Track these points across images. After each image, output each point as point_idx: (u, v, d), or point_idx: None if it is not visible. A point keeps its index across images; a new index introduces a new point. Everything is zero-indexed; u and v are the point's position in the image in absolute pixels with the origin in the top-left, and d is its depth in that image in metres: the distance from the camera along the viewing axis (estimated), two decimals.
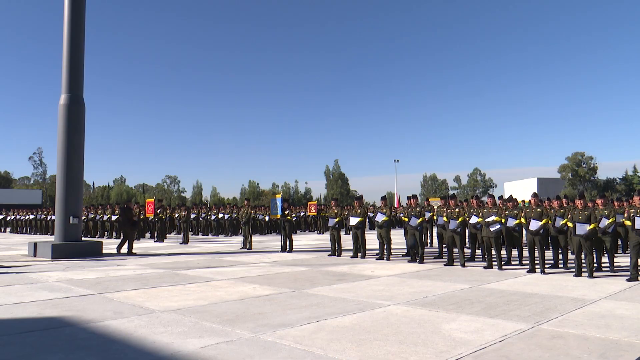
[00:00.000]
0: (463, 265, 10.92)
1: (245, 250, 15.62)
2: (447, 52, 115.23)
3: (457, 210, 11.51)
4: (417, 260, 11.72)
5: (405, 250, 13.27)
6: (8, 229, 33.45)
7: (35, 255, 13.78)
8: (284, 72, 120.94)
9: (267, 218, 26.12)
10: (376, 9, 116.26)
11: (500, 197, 12.63)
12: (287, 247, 14.73)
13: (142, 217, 20.79)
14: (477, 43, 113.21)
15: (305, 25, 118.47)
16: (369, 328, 5.22)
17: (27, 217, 30.91)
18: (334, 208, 13.94)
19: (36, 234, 28.12)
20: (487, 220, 10.50)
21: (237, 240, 19.87)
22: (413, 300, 6.83)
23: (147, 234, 23.02)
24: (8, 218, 33.55)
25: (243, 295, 7.29)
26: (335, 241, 13.46)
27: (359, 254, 12.89)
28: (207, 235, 25.44)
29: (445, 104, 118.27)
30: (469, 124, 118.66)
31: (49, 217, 26.88)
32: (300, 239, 20.85)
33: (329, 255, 13.53)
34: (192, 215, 24.86)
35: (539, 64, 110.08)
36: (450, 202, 11.89)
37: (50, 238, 18.97)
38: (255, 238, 21.22)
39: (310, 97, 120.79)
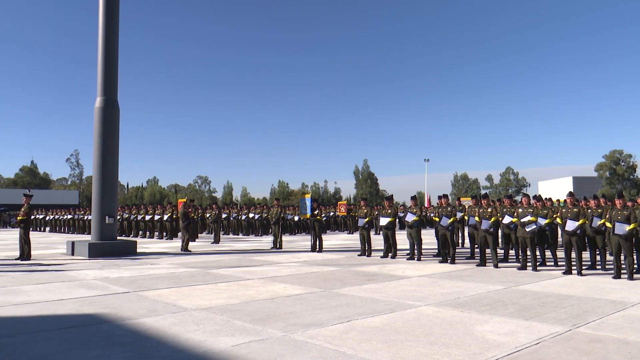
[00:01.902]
0: (496, 266, 10.72)
1: (275, 249, 15.72)
2: (479, 48, 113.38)
3: (489, 210, 11.31)
4: (449, 261, 11.57)
5: (436, 251, 13.13)
6: (47, 229, 34.57)
7: (73, 254, 14.20)
8: (315, 72, 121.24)
9: (296, 218, 26.23)
10: (402, 5, 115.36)
11: (535, 197, 12.33)
12: (317, 246, 14.76)
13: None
14: (509, 38, 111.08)
15: (334, 23, 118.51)
16: (400, 329, 5.18)
17: (65, 216, 31.89)
18: (363, 208, 13.89)
19: (74, 233, 28.96)
20: (522, 220, 10.29)
21: (267, 240, 20.01)
22: (445, 301, 6.74)
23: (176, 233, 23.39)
24: (47, 218, 34.68)
25: (273, 295, 7.34)
26: (365, 241, 13.41)
27: (390, 254, 12.81)
28: (238, 234, 25.71)
29: (477, 102, 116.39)
30: (501, 122, 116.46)
31: (85, 217, 27.63)
32: (330, 239, 20.85)
33: (358, 255, 13.49)
34: (223, 215, 25.18)
35: (575, 58, 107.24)
36: (483, 201, 11.69)
37: (87, 237, 19.50)
38: (285, 238, 21.33)
39: (339, 96, 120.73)
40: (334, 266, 11.05)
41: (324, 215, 25.97)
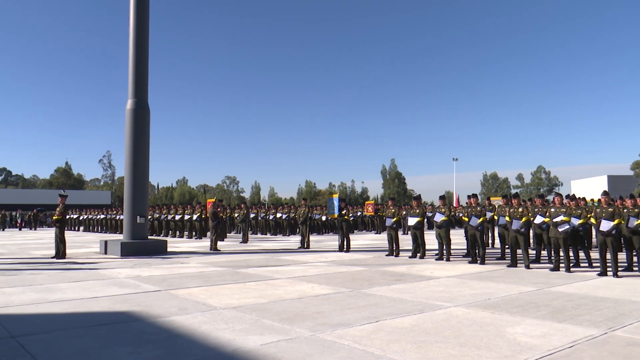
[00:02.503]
0: (527, 267, 10.51)
1: (303, 249, 15.77)
2: (508, 45, 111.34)
3: (520, 209, 11.09)
4: (478, 261, 11.40)
5: (466, 251, 12.95)
6: (81, 228, 35.51)
7: (106, 253, 14.54)
8: (342, 71, 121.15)
9: (324, 218, 26.25)
10: (428, 2, 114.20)
11: (568, 196, 12.03)
12: (345, 246, 14.74)
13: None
14: (539, 33, 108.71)
15: (360, 20, 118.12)
16: (429, 330, 5.12)
17: (98, 216, 32.71)
18: (391, 207, 13.81)
19: (106, 232, 29.65)
20: (555, 220, 10.05)
21: (295, 240, 20.08)
22: (474, 302, 6.64)
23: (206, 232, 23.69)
24: (81, 217, 35.62)
25: (301, 294, 7.36)
26: (393, 241, 13.33)
27: (418, 254, 12.70)
28: (266, 234, 25.89)
29: (506, 99, 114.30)
30: (532, 119, 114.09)
31: (117, 217, 28.25)
32: (358, 239, 20.80)
33: (386, 255, 13.41)
34: (251, 215, 25.39)
35: (611, 53, 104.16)
36: (513, 201, 11.47)
37: (119, 236, 19.95)
38: (313, 237, 21.38)
39: (367, 95, 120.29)
40: (361, 266, 11.02)
41: (351, 215, 25.91)
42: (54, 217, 13.70)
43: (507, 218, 11.21)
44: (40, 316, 5.99)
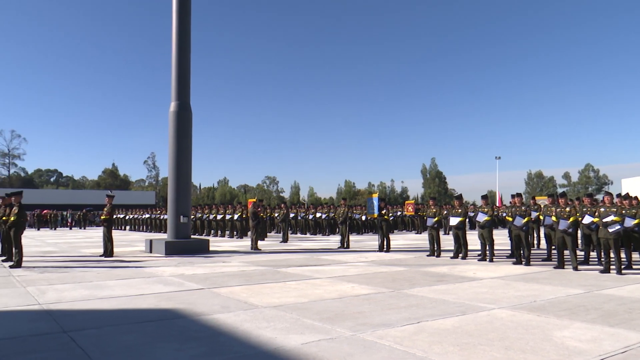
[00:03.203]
0: (575, 269, 10.15)
1: (343, 249, 15.76)
2: (551, 37, 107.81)
3: (567, 209, 10.72)
4: (523, 262, 11.09)
5: (510, 252, 12.63)
6: (127, 227, 36.69)
7: (151, 252, 14.96)
8: (382, 69, 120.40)
9: (363, 217, 26.17)
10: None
11: (619, 195, 11.55)
12: (385, 246, 14.65)
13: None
14: (585, 26, 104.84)
15: (398, 17, 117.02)
16: (473, 332, 5.02)
17: (143, 216, 33.71)
18: (432, 207, 13.62)
19: (151, 231, 30.51)
20: (605, 220, 9.67)
21: (335, 240, 20.09)
22: (520, 305, 6.47)
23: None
24: (127, 217, 36.79)
25: (342, 294, 7.35)
26: (434, 241, 13.14)
27: (460, 255, 12.48)
28: (305, 234, 26.02)
29: (551, 95, 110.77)
30: (579, 115, 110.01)
31: (161, 216, 29.03)
32: (398, 239, 20.62)
33: (427, 255, 13.24)
34: (291, 215, 25.57)
35: None
36: (560, 200, 11.10)
37: (163, 235, 20.48)
38: (352, 237, 21.34)
39: (406, 93, 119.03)
40: (402, 266, 10.92)
41: (391, 214, 25.73)
42: (102, 217, 14.19)
43: (553, 218, 10.87)
44: (91, 312, 6.22)
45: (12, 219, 11.47)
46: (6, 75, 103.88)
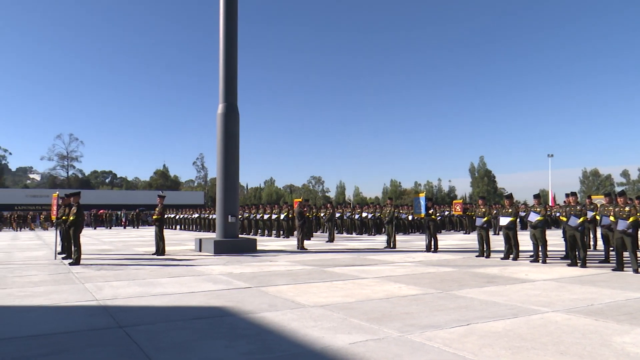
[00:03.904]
0: (636, 271, 9.66)
1: (389, 249, 15.64)
2: (605, 30, 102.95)
3: (627, 208, 10.21)
4: (579, 264, 10.65)
5: (564, 253, 12.17)
6: (178, 227, 37.73)
7: (200, 250, 15.33)
8: (427, 69, 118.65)
9: (410, 217, 25.87)
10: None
11: None
12: (432, 246, 14.42)
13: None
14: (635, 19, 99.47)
15: (445, 21, 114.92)
16: (525, 335, 4.86)
17: (192, 215, 34.58)
18: (481, 207, 13.30)
19: (200, 231, 31.27)
20: None
21: (381, 239, 19.96)
22: (575, 308, 6.21)
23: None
24: (177, 217, 37.85)
25: (389, 294, 7.29)
26: (484, 241, 12.82)
27: (511, 256, 12.13)
28: (351, 233, 25.97)
29: (607, 89, 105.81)
30: (637, 109, 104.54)
31: (210, 216, 29.70)
32: (445, 239, 20.26)
33: (476, 256, 12.94)
34: (337, 214, 25.59)
35: None
36: (619, 199, 10.58)
37: (212, 235, 20.94)
38: (399, 237, 21.12)
39: (452, 92, 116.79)
40: (450, 267, 10.72)
41: (438, 214, 25.32)
42: (153, 217, 14.65)
43: (611, 218, 10.38)
44: (144, 308, 6.43)
45: (71, 218, 12.03)
46: (65, 83, 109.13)
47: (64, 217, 12.88)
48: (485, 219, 12.85)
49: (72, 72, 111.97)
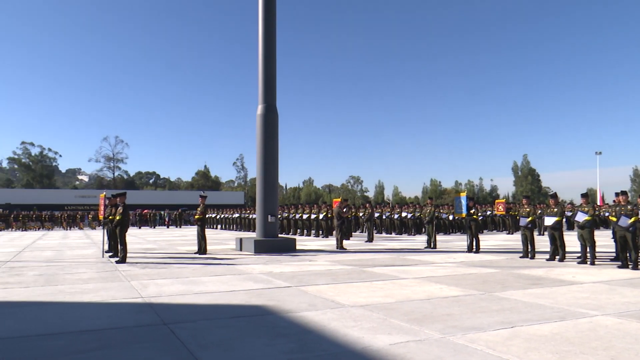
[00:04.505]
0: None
1: (430, 249, 15.43)
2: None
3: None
4: (630, 266, 10.21)
5: (614, 254, 11.69)
6: (219, 226, 38.39)
7: (241, 250, 15.55)
8: (467, 69, 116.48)
9: (451, 217, 25.46)
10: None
11: None
12: (474, 247, 14.14)
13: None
14: None
15: (485, 21, 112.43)
16: (573, 339, 4.70)
17: (233, 215, 35.12)
18: (525, 206, 12.94)
19: (241, 230, 31.72)
20: None
21: (421, 240, 19.72)
22: (627, 312, 5.95)
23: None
24: (218, 216, 38.52)
25: (430, 295, 7.19)
26: (528, 242, 12.47)
27: (557, 257, 11.74)
28: (391, 233, 25.77)
29: None
30: None
31: (250, 216, 30.08)
32: (488, 239, 19.82)
33: (520, 257, 12.59)
34: (376, 214, 25.44)
35: None
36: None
37: (252, 234, 21.19)
38: (439, 237, 20.81)
39: (494, 87, 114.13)
40: (493, 268, 10.48)
41: (480, 214, 24.82)
42: (195, 216, 14.96)
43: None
44: (187, 306, 6.57)
45: (117, 218, 12.43)
46: (112, 88, 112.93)
47: (110, 217, 13.32)
48: (530, 218, 12.49)
49: (118, 78, 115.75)
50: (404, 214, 25.50)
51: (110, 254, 13.84)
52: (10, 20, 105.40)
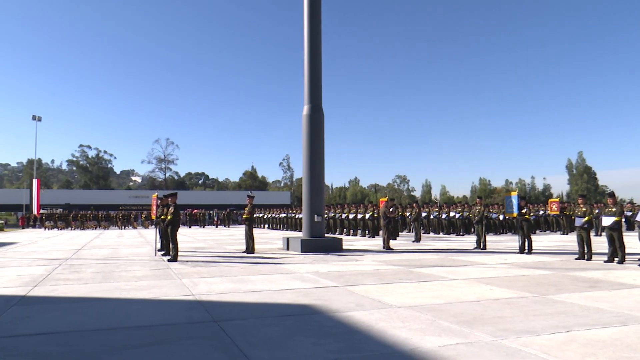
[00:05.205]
0: None
1: (479, 250, 15.07)
2: None
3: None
4: None
5: None
6: (266, 226, 38.91)
7: (287, 249, 15.69)
8: (517, 65, 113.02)
9: (501, 217, 24.78)
10: None
11: None
12: (526, 248, 13.69)
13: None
14: None
15: (536, 19, 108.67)
16: (635, 345, 4.47)
17: (279, 215, 35.50)
18: (581, 206, 12.42)
19: (287, 229, 32.02)
20: None
21: (469, 240, 19.30)
22: None
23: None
24: (265, 216, 39.03)
25: (480, 297, 7.02)
26: (584, 243, 11.96)
27: (616, 259, 11.21)
28: (438, 234, 25.36)
29: None
30: None
31: (297, 216, 30.33)
32: (541, 240, 19.16)
33: (576, 258, 12.10)
34: (423, 214, 25.10)
35: None
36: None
37: (298, 234, 21.35)
38: (489, 238, 20.30)
39: (545, 80, 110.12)
40: (546, 270, 10.12)
41: (532, 214, 24.02)
42: (243, 216, 15.22)
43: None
44: (236, 304, 6.69)
45: (169, 217, 12.81)
46: (162, 92, 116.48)
47: (162, 217, 13.74)
48: (586, 218, 11.99)
49: (168, 82, 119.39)
50: (452, 214, 25.03)
51: (163, 252, 14.29)
52: (71, 29, 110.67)
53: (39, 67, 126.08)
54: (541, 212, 27.19)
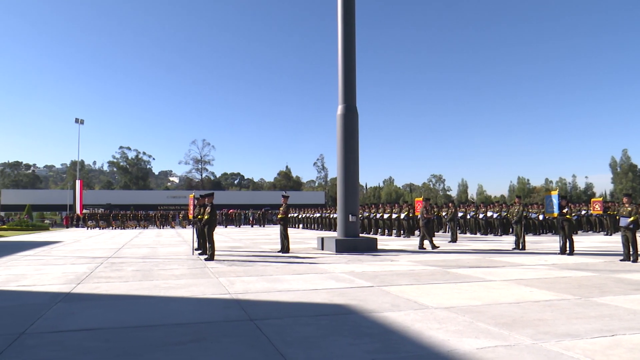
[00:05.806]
0: None
1: (518, 250, 14.72)
2: None
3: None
4: None
5: None
6: (300, 225, 39.09)
7: (322, 249, 15.72)
8: (558, 59, 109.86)
9: (541, 217, 24.16)
10: None
11: None
12: (567, 249, 13.30)
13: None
14: None
15: (577, 11, 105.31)
16: None
17: (314, 215, 35.61)
18: (626, 205, 11.98)
19: (322, 229, 32.08)
20: None
21: (508, 240, 18.89)
22: None
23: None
24: (300, 216, 39.23)
25: (519, 299, 6.86)
26: (630, 244, 11.53)
27: None
28: (475, 234, 24.93)
29: None
30: None
31: (331, 215, 30.34)
32: (583, 241, 18.57)
33: (621, 260, 11.67)
34: (459, 214, 24.71)
35: None
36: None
37: (333, 234, 21.36)
38: (528, 238, 19.81)
39: (586, 80, 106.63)
40: (589, 271, 9.80)
41: (574, 213, 23.32)
42: (278, 216, 15.33)
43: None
44: (272, 303, 6.75)
45: (205, 217, 13.03)
46: (199, 94, 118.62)
47: (199, 216, 13.99)
48: (632, 218, 11.55)
49: (205, 85, 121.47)
50: (489, 214, 24.55)
51: (200, 251, 14.54)
52: (115, 33, 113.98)
53: (82, 72, 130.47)
54: (583, 212, 26.36)
